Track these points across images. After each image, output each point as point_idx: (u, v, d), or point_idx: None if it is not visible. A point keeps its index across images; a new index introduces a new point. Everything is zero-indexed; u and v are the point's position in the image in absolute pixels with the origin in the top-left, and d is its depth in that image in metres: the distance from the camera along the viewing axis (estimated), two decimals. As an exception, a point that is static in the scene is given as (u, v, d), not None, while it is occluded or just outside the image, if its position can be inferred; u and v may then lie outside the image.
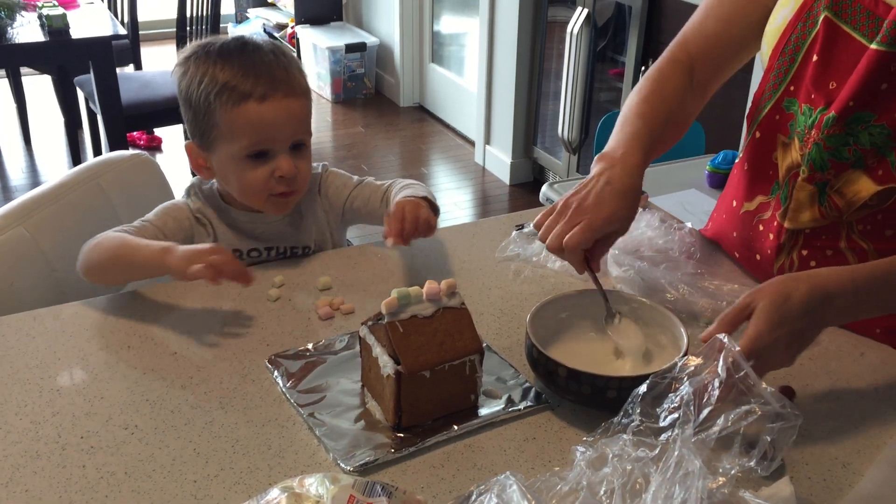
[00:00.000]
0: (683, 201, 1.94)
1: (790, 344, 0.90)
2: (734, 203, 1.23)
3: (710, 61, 1.20)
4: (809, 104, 1.08)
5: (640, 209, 1.32)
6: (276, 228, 1.32)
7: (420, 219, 1.17)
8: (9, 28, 3.08)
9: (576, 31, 3.26)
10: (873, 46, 1.00)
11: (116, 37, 3.18)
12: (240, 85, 1.19)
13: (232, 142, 1.22)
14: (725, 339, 0.84)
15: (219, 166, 1.26)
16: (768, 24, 1.14)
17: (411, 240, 1.16)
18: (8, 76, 4.32)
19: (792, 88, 1.11)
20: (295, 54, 1.29)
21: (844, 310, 0.93)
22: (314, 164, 1.36)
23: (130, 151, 1.59)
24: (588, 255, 1.03)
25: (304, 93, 1.25)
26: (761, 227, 1.17)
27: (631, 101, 1.16)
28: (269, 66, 1.21)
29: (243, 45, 1.23)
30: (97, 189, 1.45)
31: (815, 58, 1.07)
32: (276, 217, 1.31)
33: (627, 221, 1.04)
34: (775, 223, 1.15)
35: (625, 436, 0.81)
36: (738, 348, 0.83)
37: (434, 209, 1.24)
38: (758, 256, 1.18)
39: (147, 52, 4.36)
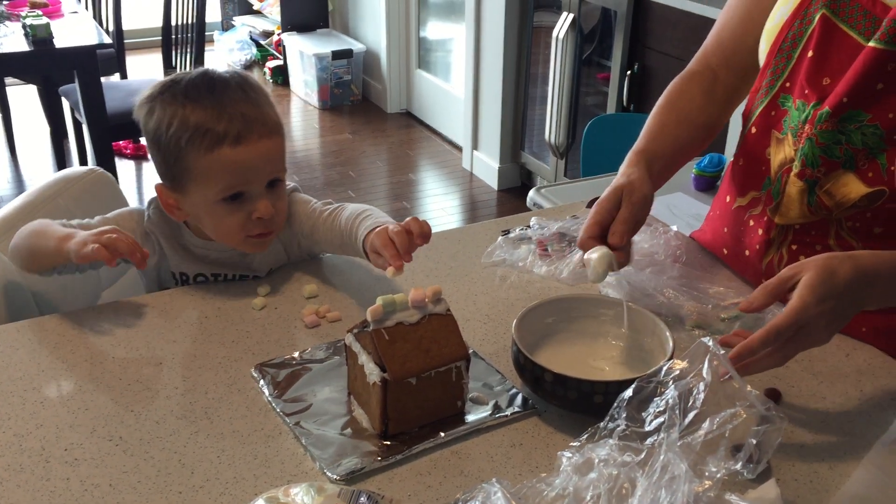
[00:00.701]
0: (670, 204, 1.94)
1: (832, 321, 0.89)
2: (727, 199, 1.24)
3: (733, 70, 1.22)
4: (803, 99, 1.09)
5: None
6: (227, 256, 1.27)
7: (402, 239, 1.07)
8: (-7, 38, 3.06)
9: (561, 35, 3.27)
10: (871, 44, 1.01)
11: (101, 46, 3.17)
12: (212, 129, 1.14)
13: (206, 186, 1.17)
14: (710, 343, 0.84)
15: (192, 208, 1.22)
16: (767, 22, 1.15)
17: (410, 256, 1.08)
18: (-8, 86, 4.30)
19: (787, 85, 1.12)
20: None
21: (885, 293, 0.93)
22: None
23: (86, 168, 1.57)
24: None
25: (277, 130, 1.20)
26: (752, 223, 1.18)
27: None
28: (241, 105, 1.17)
29: (211, 84, 1.18)
30: (58, 207, 1.43)
31: (810, 53, 1.08)
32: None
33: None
34: (765, 218, 1.15)
35: (611, 440, 0.81)
36: (723, 352, 0.83)
37: None
38: (747, 252, 1.19)
39: (132, 61, 4.35)
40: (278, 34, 5.28)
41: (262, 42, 5.52)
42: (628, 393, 0.84)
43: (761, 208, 1.17)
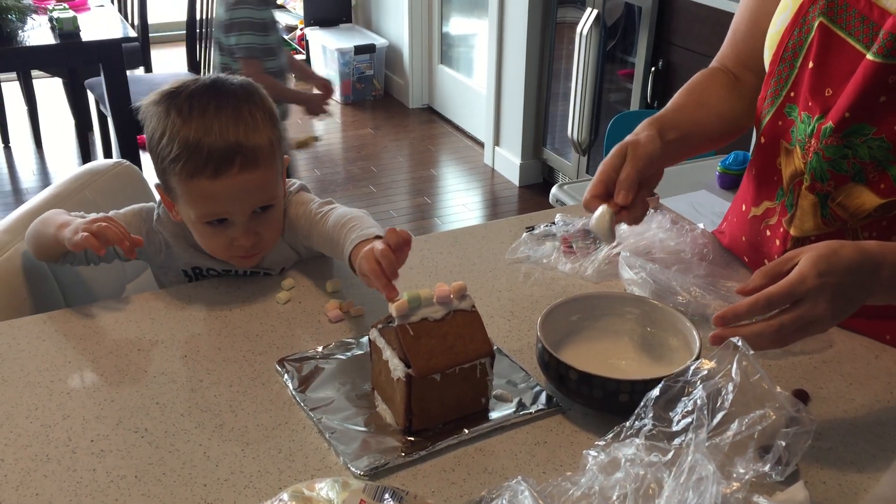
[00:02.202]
0: (694, 202, 1.93)
1: (833, 299, 0.84)
2: (743, 207, 1.23)
3: (752, 70, 1.20)
4: (808, 111, 1.07)
5: (651, 210, 1.31)
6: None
7: (388, 261, 1.02)
8: (20, 31, 3.09)
9: (585, 31, 3.25)
10: (869, 57, 0.99)
11: (126, 39, 3.19)
12: (192, 156, 1.11)
13: (189, 206, 1.16)
14: (740, 343, 0.83)
15: (182, 216, 1.21)
16: (769, 28, 1.13)
17: (397, 274, 1.03)
18: (19, 79, 4.34)
19: (792, 94, 1.10)
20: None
21: (892, 282, 0.88)
22: (289, 180, 1.29)
23: (112, 160, 1.58)
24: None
25: (264, 158, 1.14)
26: (768, 233, 1.17)
27: None
28: (227, 131, 1.12)
29: (206, 102, 1.13)
30: (85, 199, 1.44)
31: (810, 65, 1.06)
32: None
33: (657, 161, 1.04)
34: (781, 229, 1.14)
35: (637, 440, 0.80)
36: (752, 353, 0.82)
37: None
38: (766, 261, 1.17)
39: (157, 55, 4.37)
40: (301, 29, 5.29)
41: (285, 36, 5.54)
42: (655, 392, 0.83)
43: (776, 219, 1.15)
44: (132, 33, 3.29)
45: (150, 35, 3.97)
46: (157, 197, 1.26)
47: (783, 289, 0.84)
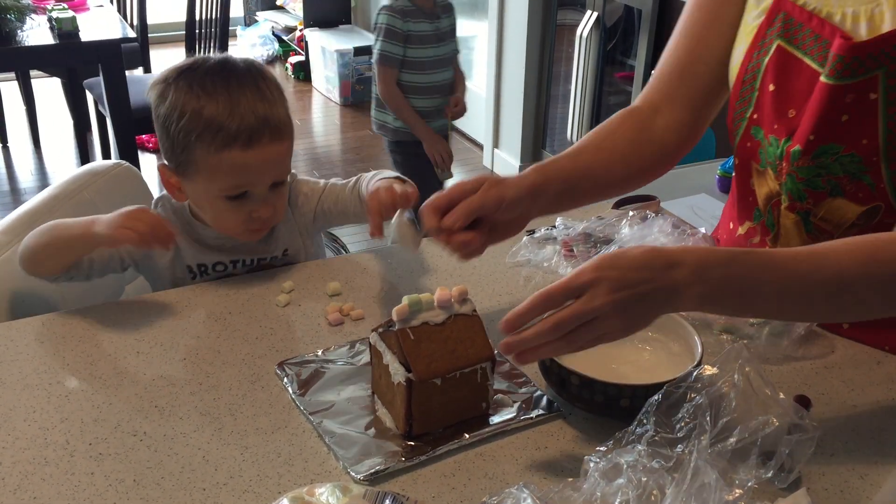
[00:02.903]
0: (694, 206, 1.93)
1: (614, 292, 0.80)
2: (731, 225, 1.22)
3: (679, 102, 1.16)
4: (774, 134, 1.06)
5: (652, 214, 1.31)
6: (243, 242, 1.28)
7: (396, 197, 1.11)
8: (19, 31, 3.08)
9: (585, 34, 3.25)
10: (822, 80, 0.98)
11: (126, 39, 3.18)
12: (224, 129, 1.15)
13: (211, 181, 1.19)
14: (742, 349, 0.82)
15: (193, 195, 1.24)
16: (730, 62, 1.12)
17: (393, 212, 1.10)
18: (17, 78, 4.33)
19: (755, 117, 1.10)
20: (278, 82, 1.24)
21: (699, 283, 0.82)
22: None
23: (112, 161, 1.58)
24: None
25: (288, 132, 1.21)
26: None
27: None
28: (255, 104, 1.17)
29: (227, 77, 1.18)
30: (84, 200, 1.44)
31: (771, 87, 1.06)
32: None
33: (498, 203, 0.98)
34: (766, 248, 1.14)
35: (639, 446, 0.80)
36: (755, 359, 0.82)
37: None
38: None
39: (156, 55, 4.37)
40: (300, 30, 5.29)
41: (285, 37, 5.54)
42: (657, 398, 0.83)
43: (759, 238, 1.15)
44: (131, 34, 3.28)
45: (149, 35, 3.97)
46: (158, 195, 1.26)
47: (560, 283, 0.81)
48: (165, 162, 1.24)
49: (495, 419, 0.95)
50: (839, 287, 0.85)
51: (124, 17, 3.83)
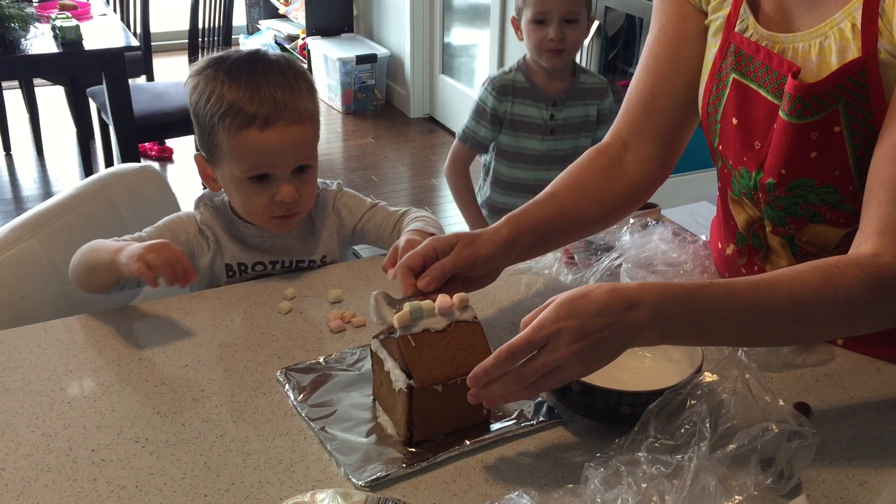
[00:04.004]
0: (695, 213, 1.93)
1: (573, 342, 0.81)
2: (720, 245, 1.23)
3: (648, 137, 1.16)
4: (744, 166, 1.07)
5: (653, 222, 1.31)
6: (284, 243, 1.32)
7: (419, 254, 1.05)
8: (22, 39, 3.10)
9: (587, 42, 3.26)
10: (783, 117, 0.99)
11: (129, 48, 3.19)
12: (243, 109, 1.18)
13: (234, 163, 1.22)
14: (742, 356, 0.83)
15: (223, 182, 1.27)
16: (698, 93, 1.13)
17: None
18: (21, 87, 4.35)
19: (720, 148, 1.11)
20: (306, 66, 1.27)
21: (658, 322, 0.83)
22: (328, 182, 1.37)
23: (138, 164, 1.60)
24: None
25: (309, 118, 1.24)
26: (744, 271, 1.17)
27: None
28: (276, 89, 1.20)
29: (253, 65, 1.22)
30: (106, 201, 1.45)
31: (734, 121, 1.06)
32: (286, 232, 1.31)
33: (469, 262, 1.01)
34: (756, 267, 1.15)
35: (639, 453, 0.80)
36: (755, 366, 0.82)
37: None
38: None
39: (159, 64, 4.38)
40: (303, 38, 5.30)
41: (287, 46, 5.55)
42: (657, 405, 0.83)
43: (746, 258, 1.16)
44: (134, 42, 3.29)
45: (152, 44, 3.99)
46: (180, 202, 1.28)
47: (522, 339, 0.82)
48: (200, 151, 1.28)
49: (496, 426, 0.95)
50: (795, 316, 0.86)
51: (127, 25, 3.85)
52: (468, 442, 0.92)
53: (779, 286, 0.86)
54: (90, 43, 3.14)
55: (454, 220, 3.73)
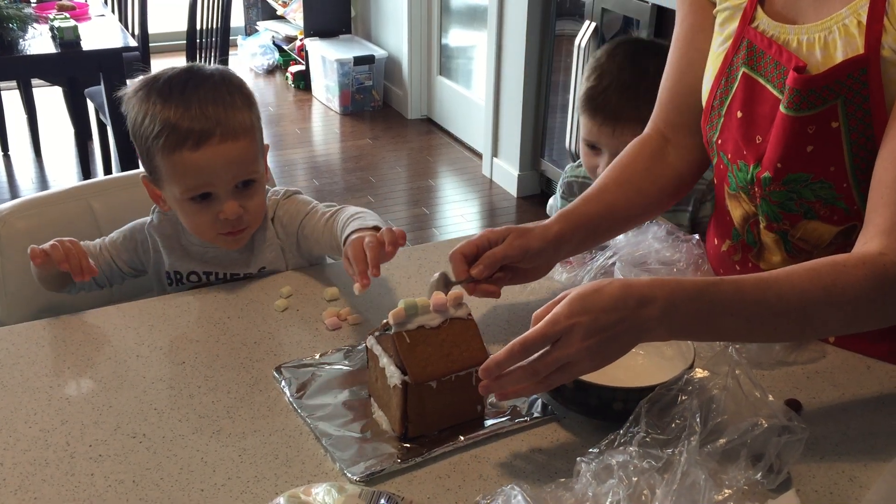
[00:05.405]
0: (690, 214, 1.94)
1: (587, 337, 0.82)
2: (715, 241, 1.24)
3: (683, 129, 1.19)
4: (743, 160, 1.08)
5: (647, 220, 1.32)
6: (224, 255, 1.30)
7: (374, 251, 1.06)
8: (20, 40, 3.10)
9: (583, 44, 3.27)
10: (782, 110, 1.00)
11: (127, 49, 3.20)
12: (175, 129, 1.16)
13: (173, 184, 1.20)
14: (733, 353, 0.84)
15: (170, 202, 1.25)
16: (703, 84, 1.14)
17: (378, 269, 1.06)
18: (19, 87, 4.35)
19: (720, 142, 1.12)
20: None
21: (670, 318, 0.84)
22: (278, 189, 1.34)
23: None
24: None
25: (244, 132, 1.20)
26: (738, 268, 1.18)
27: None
28: (207, 106, 1.17)
29: (185, 82, 1.20)
30: (120, 198, 1.48)
31: (739, 114, 1.07)
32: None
33: (522, 252, 1.04)
34: (750, 264, 1.16)
35: (631, 447, 0.81)
36: (745, 362, 0.83)
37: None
38: None
39: (157, 64, 4.37)
40: (301, 39, 5.32)
41: (285, 47, 5.56)
42: (649, 400, 0.84)
43: (741, 255, 1.17)
44: (132, 42, 3.30)
45: (150, 44, 3.99)
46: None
47: (537, 333, 0.83)
48: (145, 173, 1.27)
49: (490, 422, 0.96)
50: (803, 313, 0.88)
51: (125, 26, 3.86)
52: (462, 437, 0.93)
53: (788, 283, 0.87)
54: (88, 43, 3.15)
55: (453, 222, 3.74)
